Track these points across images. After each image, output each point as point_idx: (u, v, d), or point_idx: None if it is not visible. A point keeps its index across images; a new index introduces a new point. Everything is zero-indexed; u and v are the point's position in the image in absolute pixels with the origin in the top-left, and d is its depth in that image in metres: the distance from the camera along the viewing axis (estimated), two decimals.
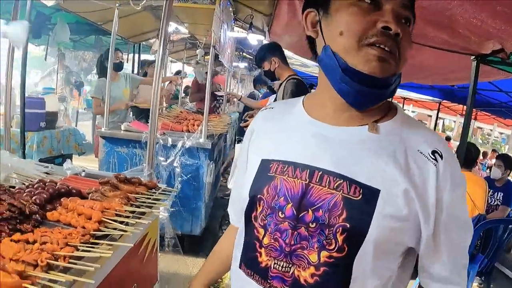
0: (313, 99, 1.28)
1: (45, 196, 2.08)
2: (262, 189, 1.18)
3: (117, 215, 1.98)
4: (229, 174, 5.97)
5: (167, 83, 8.32)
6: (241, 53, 11.12)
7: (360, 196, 1.05)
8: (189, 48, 9.91)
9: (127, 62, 7.83)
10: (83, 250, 1.62)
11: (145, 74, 7.12)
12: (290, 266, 1.10)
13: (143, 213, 2.14)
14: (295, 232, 1.10)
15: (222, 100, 8.16)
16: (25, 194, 2.09)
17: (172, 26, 6.82)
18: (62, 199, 2.10)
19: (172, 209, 4.72)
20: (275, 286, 1.12)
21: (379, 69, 1.03)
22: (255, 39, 6.88)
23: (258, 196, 1.19)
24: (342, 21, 1.06)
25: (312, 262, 1.07)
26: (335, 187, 1.07)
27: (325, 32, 1.13)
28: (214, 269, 1.63)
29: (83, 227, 1.81)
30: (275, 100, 4.56)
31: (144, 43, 9.34)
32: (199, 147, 4.70)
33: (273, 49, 4.44)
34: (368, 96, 1.10)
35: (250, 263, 1.21)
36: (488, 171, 13.17)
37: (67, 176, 2.68)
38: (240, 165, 1.44)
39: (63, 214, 1.95)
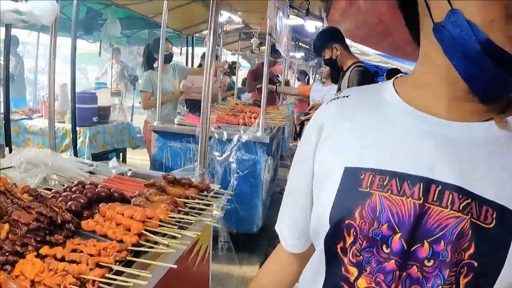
0: (412, 84, 0.90)
1: (82, 201, 1.85)
2: (352, 211, 0.83)
3: (161, 225, 1.70)
4: (287, 168, 5.65)
5: (221, 75, 8.08)
6: (297, 42, 10.69)
7: (493, 222, 0.73)
8: (243, 39, 9.63)
9: (180, 55, 7.64)
10: (116, 272, 1.35)
11: (199, 67, 6.89)
12: None
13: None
14: (404, 274, 0.77)
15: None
16: (60, 199, 1.86)
17: (225, 16, 6.59)
18: (101, 205, 1.84)
19: (228, 206, 4.48)
20: None
21: None
22: (312, 26, 6.53)
23: (347, 221, 0.83)
24: None
25: None
26: (461, 209, 0.75)
27: None
28: None
29: (121, 241, 1.54)
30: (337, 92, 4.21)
31: (197, 35, 9.15)
32: (256, 141, 4.37)
33: (334, 35, 4.08)
34: (504, 86, 0.76)
35: None
36: None
37: (111, 176, 2.43)
38: (299, 169, 1.07)
39: (100, 224, 1.69)
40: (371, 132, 0.90)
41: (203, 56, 6.90)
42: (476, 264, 0.73)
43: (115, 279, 1.31)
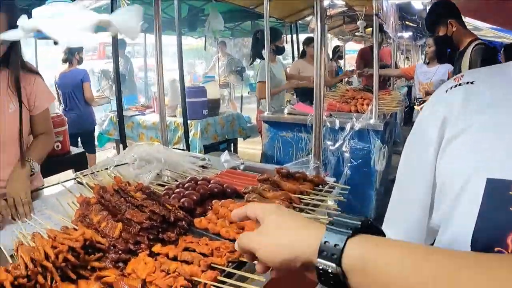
0: None
1: (194, 198, 1.79)
2: (504, 237, 0.66)
3: None
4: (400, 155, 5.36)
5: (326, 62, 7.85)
6: (403, 21, 10.16)
7: None
8: (347, 22, 9.35)
9: (286, 43, 7.55)
10: (227, 275, 1.27)
11: (303, 54, 6.70)
12: None
13: None
14: None
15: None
16: (173, 195, 1.82)
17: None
18: (214, 202, 1.77)
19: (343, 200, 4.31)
20: None
21: None
22: (419, 3, 6.14)
23: (496, 249, 0.67)
24: None
25: None
26: None
27: None
28: None
29: (234, 240, 1.45)
30: (453, 74, 3.86)
31: (300, 22, 8.99)
32: (370, 128, 4.16)
33: (449, 9, 3.72)
34: None
35: None
36: None
37: (223, 171, 2.36)
38: (412, 176, 0.94)
39: (212, 222, 1.62)
40: None
41: (305, 42, 6.68)
42: None
43: (226, 282, 1.22)
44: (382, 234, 0.72)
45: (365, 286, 0.62)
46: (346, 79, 8.19)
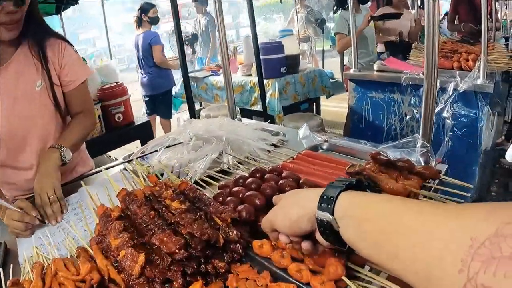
0: None
1: (257, 203, 1.27)
2: None
3: None
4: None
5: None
6: None
7: None
8: None
9: None
10: None
11: (389, 2, 5.80)
12: None
13: None
14: None
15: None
16: (228, 199, 1.31)
17: None
18: None
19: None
20: None
21: None
22: None
23: None
24: None
25: None
26: None
27: None
28: None
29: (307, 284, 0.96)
30: None
31: None
32: (477, 91, 3.44)
33: None
34: None
35: None
36: None
37: (301, 153, 1.83)
38: None
39: (279, 248, 1.10)
40: None
41: None
42: None
43: None
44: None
45: (353, 233, 0.74)
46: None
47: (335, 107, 7.28)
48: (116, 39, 15.96)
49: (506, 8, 14.56)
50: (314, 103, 6.14)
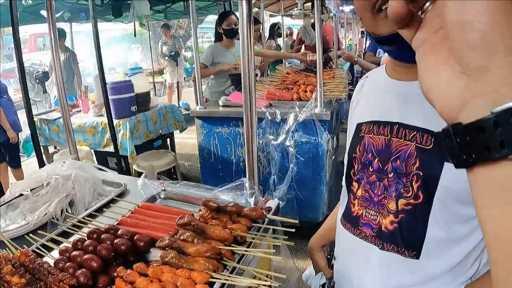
0: (390, 60, 1.22)
1: (94, 265, 1.35)
2: (355, 148, 1.27)
3: None
4: (345, 132, 4.93)
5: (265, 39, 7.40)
6: None
7: (431, 144, 1.06)
8: None
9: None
10: None
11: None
12: (377, 214, 1.17)
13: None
14: (381, 184, 1.16)
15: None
16: (67, 265, 1.35)
17: None
18: (118, 270, 1.32)
19: (288, 196, 3.93)
20: (364, 232, 1.21)
21: None
22: None
23: (353, 155, 1.27)
24: None
25: (391, 210, 1.13)
26: (409, 139, 1.10)
27: None
28: (329, 230, 1.61)
29: None
30: None
31: None
32: (315, 119, 3.72)
33: None
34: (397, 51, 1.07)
35: (346, 214, 1.31)
36: None
37: (139, 204, 1.89)
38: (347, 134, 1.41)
39: None
40: (370, 98, 1.36)
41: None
42: (421, 173, 1.07)
43: None
44: None
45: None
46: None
47: (192, 139, 7.34)
48: None
49: (351, 32, 15.71)
50: (168, 139, 6.15)
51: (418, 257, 1.11)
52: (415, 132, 1.09)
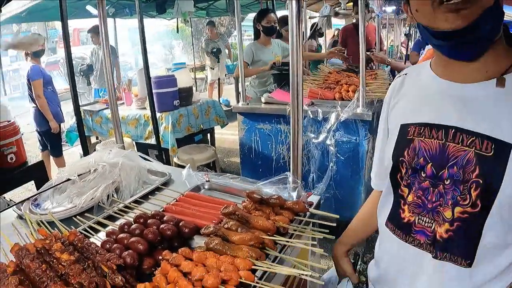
0: (437, 58, 1.22)
1: (141, 248, 1.38)
2: (403, 152, 1.23)
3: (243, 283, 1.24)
4: None
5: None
6: None
7: (492, 151, 1.04)
8: None
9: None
10: None
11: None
12: (432, 222, 1.17)
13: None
14: (436, 190, 1.15)
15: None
16: (114, 246, 1.39)
17: None
18: (164, 254, 1.35)
19: (327, 195, 3.93)
20: (418, 240, 1.21)
21: None
22: None
23: (400, 159, 1.24)
24: None
25: (447, 218, 1.13)
26: (468, 144, 1.08)
27: None
28: (358, 231, 1.68)
29: None
30: None
31: None
32: (357, 119, 3.73)
33: None
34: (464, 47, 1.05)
35: (394, 219, 1.31)
36: None
37: (184, 193, 1.94)
38: (379, 132, 1.45)
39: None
40: (414, 97, 1.32)
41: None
42: (481, 181, 1.05)
43: None
44: None
45: None
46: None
47: (232, 135, 7.42)
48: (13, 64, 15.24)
49: (393, 33, 15.45)
50: (209, 134, 6.22)
51: (470, 266, 1.12)
52: (473, 138, 1.07)
